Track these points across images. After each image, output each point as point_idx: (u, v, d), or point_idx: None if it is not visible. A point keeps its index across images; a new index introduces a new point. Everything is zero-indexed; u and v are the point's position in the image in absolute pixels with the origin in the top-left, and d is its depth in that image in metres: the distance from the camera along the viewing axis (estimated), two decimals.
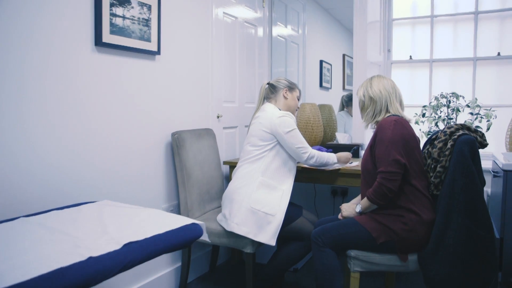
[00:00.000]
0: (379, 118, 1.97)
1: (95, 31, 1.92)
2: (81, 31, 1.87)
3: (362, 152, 2.71)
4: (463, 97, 2.96)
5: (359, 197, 2.12)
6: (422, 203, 1.84)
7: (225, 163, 2.82)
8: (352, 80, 5.53)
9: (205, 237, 1.50)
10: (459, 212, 1.72)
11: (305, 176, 2.53)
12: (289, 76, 3.89)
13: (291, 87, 2.39)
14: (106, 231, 1.30)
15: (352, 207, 2.00)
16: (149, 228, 1.35)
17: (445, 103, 2.99)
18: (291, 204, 2.27)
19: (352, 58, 5.48)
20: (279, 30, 3.66)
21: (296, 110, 2.43)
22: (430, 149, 1.99)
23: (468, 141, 1.75)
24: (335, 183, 2.47)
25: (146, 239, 1.26)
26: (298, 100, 2.45)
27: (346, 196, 3.29)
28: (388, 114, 1.97)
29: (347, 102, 3.90)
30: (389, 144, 1.81)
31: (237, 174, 2.27)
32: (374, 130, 1.94)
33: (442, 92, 3.04)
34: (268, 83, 2.42)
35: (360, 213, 1.95)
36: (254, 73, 3.27)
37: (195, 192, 2.40)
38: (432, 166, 1.89)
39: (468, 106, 2.93)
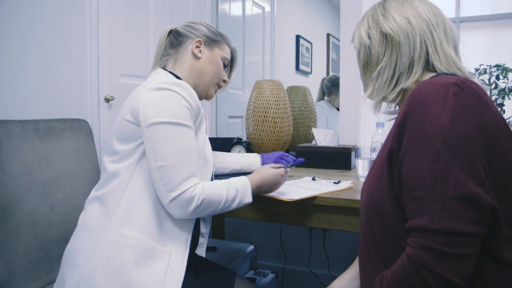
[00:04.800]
0: (409, 83, 0.80)
1: None
2: None
3: (357, 163, 1.49)
4: None
5: (354, 269, 0.94)
6: None
7: None
8: (338, 66, 4.43)
9: None
10: None
11: (250, 210, 1.34)
12: (249, 45, 2.70)
13: (214, 39, 1.20)
14: None
15: None
16: None
17: (487, 82, 1.85)
18: (199, 273, 1.09)
19: (339, 40, 4.38)
20: None
21: (218, 87, 1.25)
22: None
23: None
24: (305, 223, 1.29)
25: None
26: (227, 68, 1.27)
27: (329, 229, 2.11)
28: (430, 75, 0.81)
29: (329, 88, 2.74)
30: (446, 149, 0.64)
31: (80, 219, 1.08)
32: (399, 114, 0.75)
33: (481, 65, 1.90)
34: (170, 30, 1.23)
35: None
36: None
37: (23, 246, 1.18)
38: None
39: None
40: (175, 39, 1.19)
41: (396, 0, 0.88)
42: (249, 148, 1.86)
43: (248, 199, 1.08)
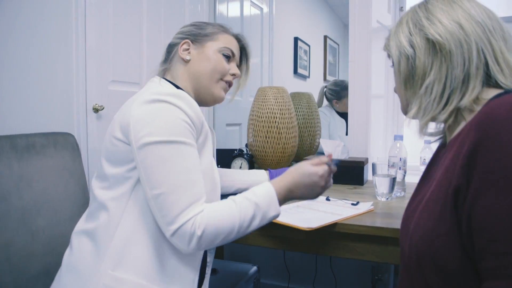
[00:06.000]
0: (465, 102, 0.66)
1: None
2: None
3: (375, 181, 1.33)
4: None
5: None
6: None
7: None
8: (335, 69, 4.29)
9: None
10: None
11: (259, 236, 1.19)
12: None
13: (202, 34, 1.03)
14: None
15: None
16: None
17: None
18: None
19: (336, 43, 4.24)
20: None
21: (227, 85, 1.07)
22: None
23: None
24: (323, 252, 1.14)
25: None
26: (235, 57, 1.08)
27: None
28: (495, 91, 0.67)
29: (334, 93, 2.58)
30: None
31: (65, 257, 0.93)
32: (463, 141, 0.60)
33: None
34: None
35: None
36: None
37: None
38: None
39: None
40: (167, 52, 1.07)
41: (441, 1, 0.74)
42: (252, 161, 1.71)
43: (274, 211, 0.87)
